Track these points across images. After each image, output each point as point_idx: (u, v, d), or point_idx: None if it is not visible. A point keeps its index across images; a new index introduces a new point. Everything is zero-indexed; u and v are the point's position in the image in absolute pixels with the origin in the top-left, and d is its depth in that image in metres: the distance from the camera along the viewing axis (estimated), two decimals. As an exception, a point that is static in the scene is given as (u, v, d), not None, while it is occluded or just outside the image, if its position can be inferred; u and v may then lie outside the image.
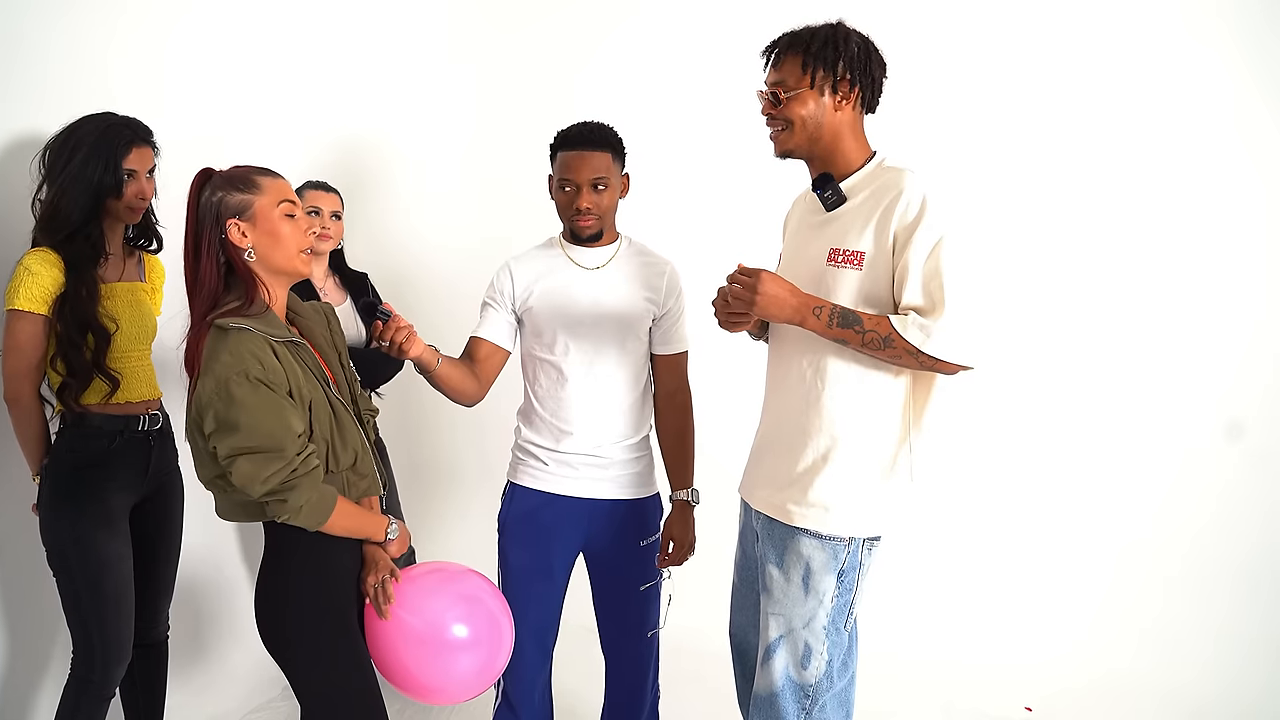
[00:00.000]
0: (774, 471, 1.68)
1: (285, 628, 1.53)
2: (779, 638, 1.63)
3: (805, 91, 1.57)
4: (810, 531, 1.60)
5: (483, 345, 1.93)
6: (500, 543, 2.02)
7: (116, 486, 1.90)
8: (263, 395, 1.39)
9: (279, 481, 1.40)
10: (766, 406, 1.77)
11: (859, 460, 1.59)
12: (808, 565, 1.60)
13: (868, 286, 1.55)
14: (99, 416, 1.88)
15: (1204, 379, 2.90)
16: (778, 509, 1.65)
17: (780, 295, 1.51)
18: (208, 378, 1.40)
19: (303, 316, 1.64)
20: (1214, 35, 2.79)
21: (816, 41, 1.57)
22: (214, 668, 2.64)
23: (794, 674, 1.62)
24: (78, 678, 1.88)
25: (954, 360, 1.48)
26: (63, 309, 1.79)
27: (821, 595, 1.60)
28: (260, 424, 1.38)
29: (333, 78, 2.95)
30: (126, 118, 1.88)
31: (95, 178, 1.81)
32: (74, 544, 1.84)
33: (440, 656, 1.62)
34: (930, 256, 1.49)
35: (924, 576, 3.09)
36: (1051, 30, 2.91)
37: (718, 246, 2.76)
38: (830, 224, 1.63)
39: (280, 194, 1.49)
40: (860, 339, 1.50)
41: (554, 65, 3.38)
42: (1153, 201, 2.89)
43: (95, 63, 2.17)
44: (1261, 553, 2.86)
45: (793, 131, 1.60)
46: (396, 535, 1.63)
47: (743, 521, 1.85)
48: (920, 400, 1.61)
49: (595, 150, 1.86)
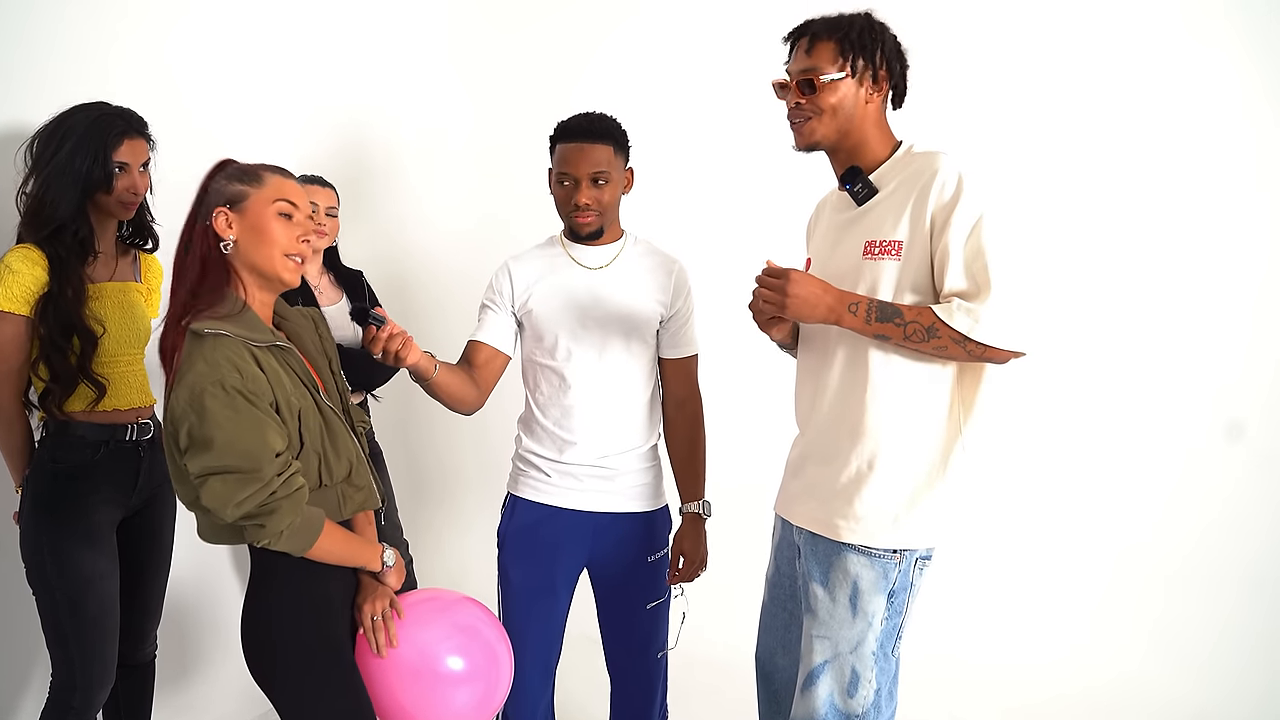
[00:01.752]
0: (815, 484, 1.58)
1: (271, 658, 1.43)
2: (824, 663, 1.52)
3: (844, 79, 1.49)
4: (859, 547, 1.50)
5: (482, 349, 1.84)
6: (500, 558, 1.93)
7: (101, 499, 1.81)
8: (240, 409, 1.28)
9: (255, 505, 1.29)
10: (801, 416, 1.67)
11: (908, 465, 1.49)
12: (855, 585, 1.50)
13: (910, 276, 1.46)
14: (84, 425, 1.79)
15: (1206, 381, 2.87)
16: (822, 524, 1.55)
17: (813, 294, 1.43)
18: (181, 389, 1.29)
19: (290, 321, 1.54)
20: (1218, 35, 2.76)
21: (855, 29, 1.49)
22: (200, 687, 2.56)
23: (839, 702, 1.51)
24: (56, 703, 1.79)
25: (1006, 346, 1.38)
26: (46, 310, 1.71)
27: (870, 617, 1.50)
28: (235, 441, 1.27)
29: (331, 74, 2.93)
30: (119, 108, 1.80)
31: (84, 170, 1.72)
32: (53, 560, 1.74)
33: (436, 691, 1.53)
34: (971, 236, 1.40)
35: (926, 578, 3.03)
36: (1054, 32, 2.89)
37: (726, 245, 2.76)
38: (863, 217, 1.54)
39: (280, 191, 1.40)
40: (902, 332, 1.41)
41: (555, 59, 3.37)
42: (1154, 202, 2.87)
43: (95, 59, 2.14)
44: (1265, 556, 2.82)
45: (823, 121, 1.51)
46: (393, 564, 1.53)
47: (779, 536, 1.74)
48: (969, 394, 1.51)
49: (595, 142, 1.77)
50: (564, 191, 1.80)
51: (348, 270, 2.55)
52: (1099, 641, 2.95)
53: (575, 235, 1.85)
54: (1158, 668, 2.86)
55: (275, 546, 1.34)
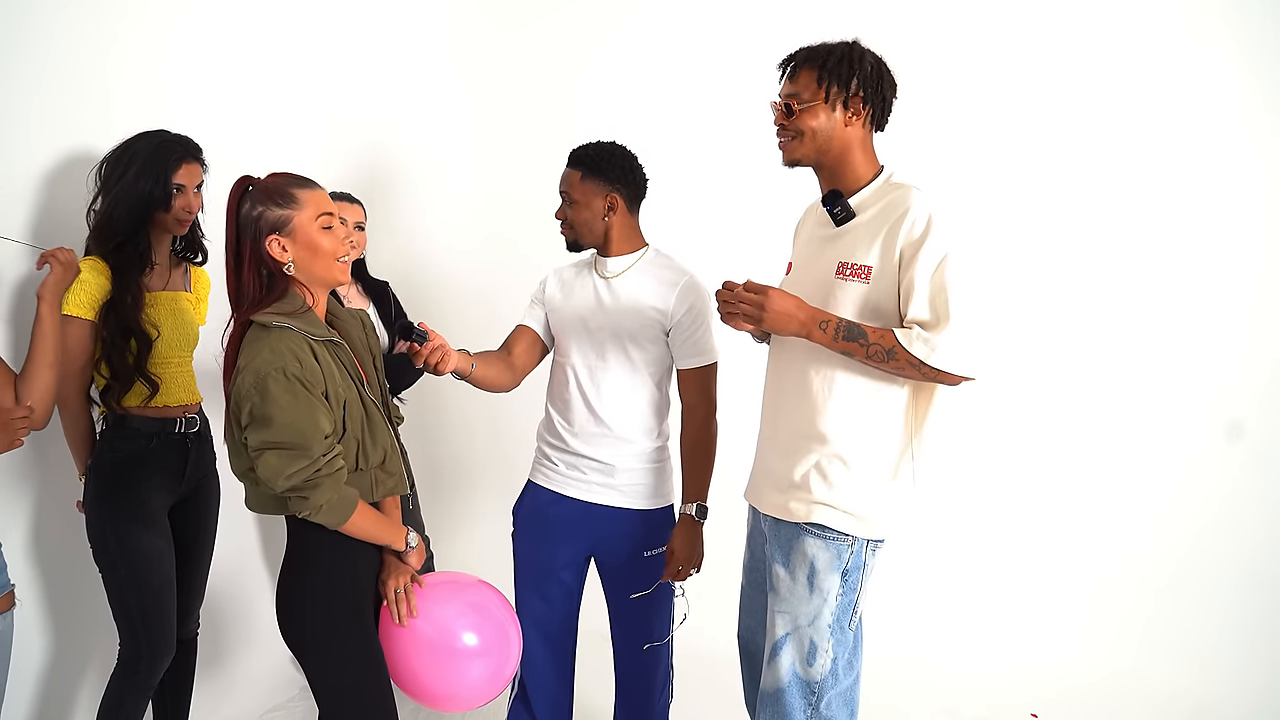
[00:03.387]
0: (776, 474, 1.73)
1: (304, 625, 1.57)
2: (785, 635, 1.67)
3: (818, 105, 1.64)
4: (814, 530, 1.65)
5: (526, 333, 2.07)
6: (513, 534, 2.11)
7: (154, 486, 1.97)
8: (297, 393, 1.43)
9: (302, 479, 1.45)
10: (768, 411, 1.82)
11: (862, 467, 1.64)
12: (812, 564, 1.65)
13: (874, 299, 1.61)
14: (139, 418, 1.95)
15: (1204, 383, 2.91)
16: (782, 509, 1.70)
17: (788, 310, 1.58)
18: (247, 372, 1.44)
19: (341, 320, 1.70)
20: (1215, 36, 2.81)
21: (833, 58, 1.63)
22: (233, 669, 2.69)
23: (800, 670, 1.66)
24: (124, 670, 1.94)
25: (957, 372, 1.54)
26: (108, 315, 1.88)
27: (826, 593, 1.65)
28: (292, 421, 1.43)
29: (339, 88, 3.00)
30: (178, 135, 1.98)
31: (146, 190, 1.90)
32: (116, 539, 1.91)
33: (452, 663, 1.66)
34: (936, 272, 1.54)
35: (926, 580, 3.10)
36: (1055, 34, 2.94)
37: (723, 248, 2.81)
38: (839, 238, 1.68)
39: (319, 207, 1.54)
40: (865, 351, 1.56)
41: (557, 73, 3.45)
42: (1153, 204, 2.91)
43: (97, 75, 2.19)
44: (1261, 556, 2.86)
45: (802, 142, 1.66)
46: (415, 546, 1.66)
47: (750, 525, 1.89)
48: (922, 409, 1.67)
49: (570, 166, 2.00)
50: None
51: (375, 281, 2.70)
52: (1097, 639, 2.99)
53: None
54: (1157, 667, 2.89)
55: (314, 518, 1.48)
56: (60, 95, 2.09)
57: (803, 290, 1.66)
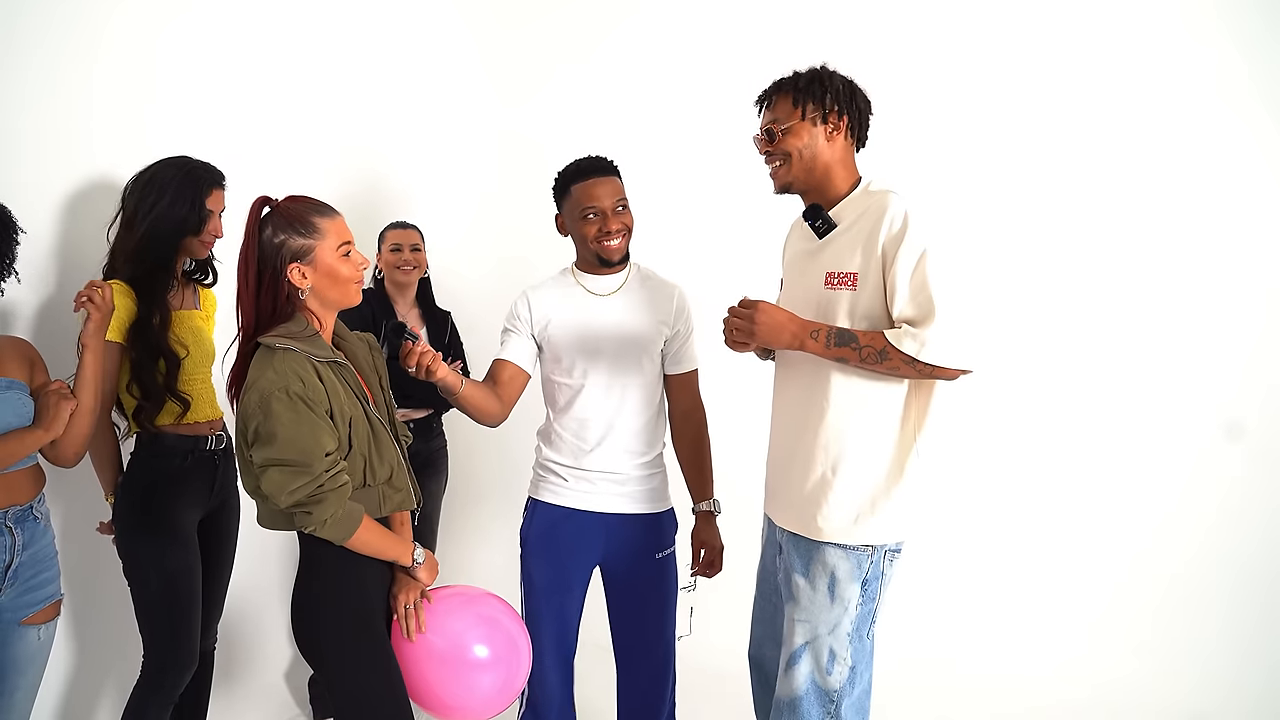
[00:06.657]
0: (789, 487, 1.76)
1: (316, 636, 1.61)
2: (804, 644, 1.70)
3: (798, 124, 1.70)
4: (833, 544, 1.68)
5: (506, 367, 2.02)
6: (523, 557, 2.10)
7: (186, 503, 2.01)
8: (300, 412, 1.48)
9: (305, 494, 1.48)
10: (776, 426, 1.86)
11: (867, 471, 1.67)
12: (833, 574, 1.69)
13: (864, 304, 1.64)
14: (172, 436, 1.99)
15: (1207, 386, 2.91)
16: (799, 524, 1.73)
17: (779, 323, 1.63)
18: (253, 391, 1.49)
19: (348, 342, 1.74)
20: (1212, 36, 2.82)
21: (804, 80, 1.72)
22: (246, 682, 2.72)
23: (818, 679, 1.69)
24: (148, 682, 1.96)
25: (950, 365, 1.56)
26: (136, 336, 1.91)
27: (847, 603, 1.68)
28: (294, 439, 1.47)
29: (346, 110, 3.03)
30: (202, 162, 2.02)
31: (181, 216, 1.96)
32: (150, 556, 1.95)
33: (462, 675, 1.70)
34: (916, 269, 1.58)
35: (927, 585, 3.09)
36: (1051, 34, 2.96)
37: (719, 264, 2.85)
38: (824, 249, 1.73)
39: (339, 236, 1.58)
40: (858, 355, 1.60)
41: (560, 84, 3.52)
42: (1154, 204, 2.92)
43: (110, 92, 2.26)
44: (1262, 563, 2.86)
45: (790, 164, 1.72)
46: (424, 561, 1.69)
47: (765, 535, 1.93)
48: (921, 407, 1.69)
49: (612, 176, 1.99)
50: (592, 225, 1.96)
51: (440, 310, 2.72)
52: (1097, 646, 3.00)
53: (591, 265, 2.02)
54: (1158, 673, 2.89)
55: (319, 533, 1.52)
56: (67, 113, 2.13)
57: (796, 305, 1.72)
